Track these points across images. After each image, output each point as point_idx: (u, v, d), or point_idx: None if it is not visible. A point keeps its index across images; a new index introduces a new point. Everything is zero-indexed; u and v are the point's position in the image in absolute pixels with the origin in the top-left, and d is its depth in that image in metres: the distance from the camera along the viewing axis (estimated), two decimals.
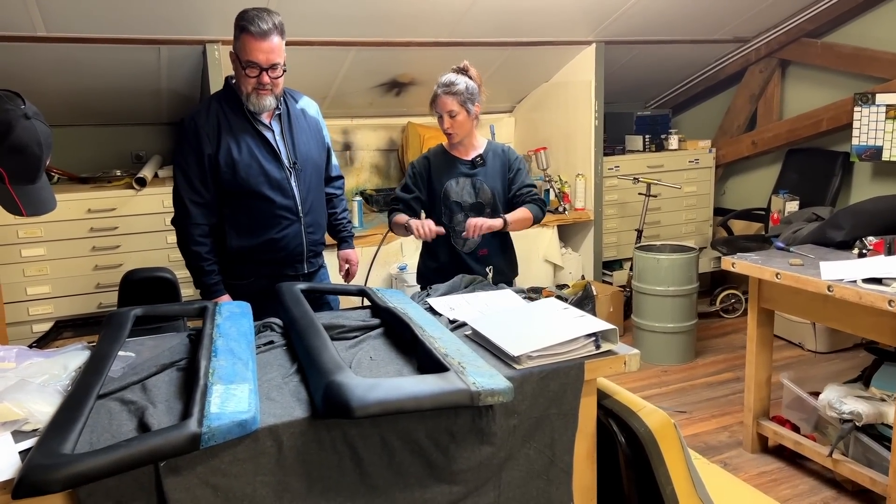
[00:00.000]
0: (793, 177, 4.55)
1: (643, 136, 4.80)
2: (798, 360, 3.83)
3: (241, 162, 2.22)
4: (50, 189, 1.47)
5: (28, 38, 2.98)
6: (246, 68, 2.15)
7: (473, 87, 2.49)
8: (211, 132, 2.21)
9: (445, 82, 2.48)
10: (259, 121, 2.26)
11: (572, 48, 4.29)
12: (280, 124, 2.31)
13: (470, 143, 2.59)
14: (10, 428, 1.27)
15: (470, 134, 2.56)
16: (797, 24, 4.33)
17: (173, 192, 2.26)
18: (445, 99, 2.46)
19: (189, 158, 2.22)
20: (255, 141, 2.25)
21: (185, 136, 2.22)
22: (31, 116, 1.35)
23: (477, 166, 2.57)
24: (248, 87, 2.19)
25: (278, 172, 2.27)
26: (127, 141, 4.11)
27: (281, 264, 2.36)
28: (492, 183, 2.56)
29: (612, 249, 4.72)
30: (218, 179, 2.23)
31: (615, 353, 1.62)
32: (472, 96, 2.48)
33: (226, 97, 2.26)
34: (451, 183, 2.56)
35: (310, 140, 2.38)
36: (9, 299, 3.28)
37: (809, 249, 2.71)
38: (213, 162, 2.21)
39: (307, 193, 2.35)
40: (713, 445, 2.89)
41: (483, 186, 2.55)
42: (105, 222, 3.45)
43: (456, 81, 2.46)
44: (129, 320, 1.79)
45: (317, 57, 3.67)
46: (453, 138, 2.54)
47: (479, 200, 2.55)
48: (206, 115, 2.22)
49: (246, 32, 2.12)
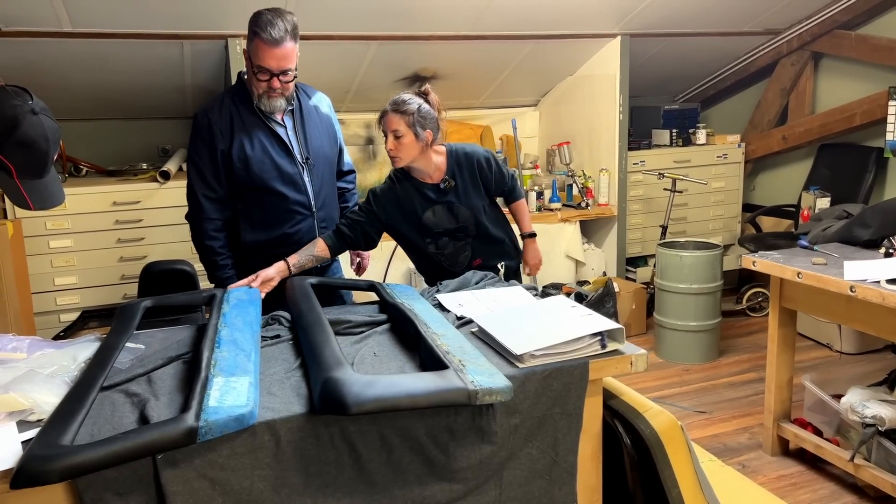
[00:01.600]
0: (825, 173, 4.43)
1: (670, 131, 4.72)
2: (825, 361, 3.74)
3: (254, 158, 2.23)
4: (58, 183, 1.50)
5: (54, 34, 3.04)
6: (258, 73, 2.16)
7: (428, 111, 2.29)
8: (224, 128, 2.22)
9: (396, 100, 2.29)
10: (271, 117, 2.27)
11: (596, 41, 4.24)
12: (293, 120, 2.33)
13: (430, 167, 2.36)
14: (15, 418, 1.30)
15: (421, 160, 2.33)
16: (830, 15, 4.21)
17: (187, 187, 2.29)
18: (392, 117, 2.26)
19: (202, 154, 2.23)
20: (267, 137, 2.26)
21: (198, 131, 2.24)
22: (39, 112, 1.38)
23: (448, 191, 2.37)
24: (259, 89, 2.21)
25: (291, 168, 2.28)
26: (153, 135, 4.17)
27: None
28: (467, 201, 2.38)
29: (636, 245, 4.66)
30: (231, 175, 2.25)
31: (621, 353, 1.58)
32: (424, 120, 2.27)
33: (238, 92, 2.28)
34: (427, 214, 2.37)
35: (322, 135, 2.39)
36: (37, 289, 3.36)
37: (835, 248, 2.63)
38: (226, 157, 2.23)
39: (320, 188, 2.36)
40: (732, 447, 2.84)
41: (460, 210, 2.38)
42: (130, 215, 3.51)
43: (409, 101, 2.27)
44: (138, 312, 1.82)
45: (338, 51, 3.68)
46: (396, 162, 2.32)
47: (461, 224, 2.39)
48: (218, 111, 2.24)
49: (258, 38, 2.11)
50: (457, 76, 4.22)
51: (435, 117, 2.32)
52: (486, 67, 4.28)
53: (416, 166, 2.35)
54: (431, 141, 2.31)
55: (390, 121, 2.27)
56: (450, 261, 2.42)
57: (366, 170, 4.61)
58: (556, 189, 4.39)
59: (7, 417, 1.29)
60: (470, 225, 2.40)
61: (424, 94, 2.34)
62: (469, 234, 2.40)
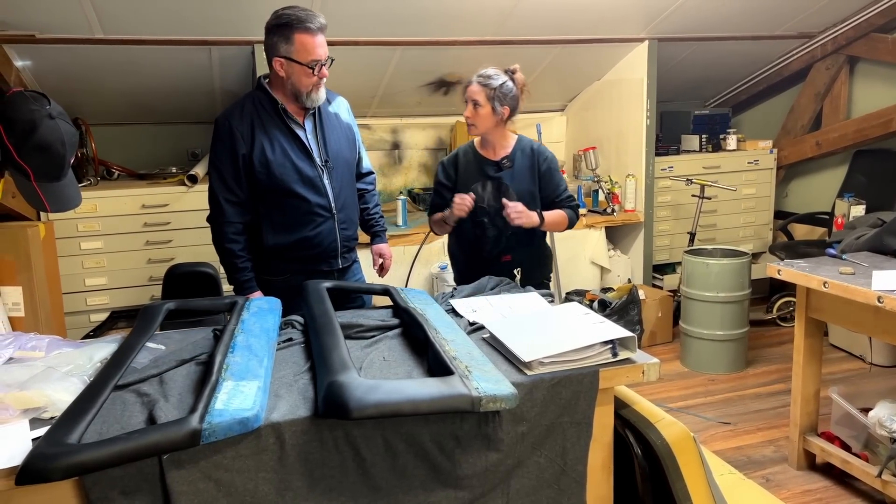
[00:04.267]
0: (860, 179, 4.32)
1: (700, 136, 4.65)
2: (856, 373, 3.63)
3: (275, 161, 2.25)
4: (75, 186, 1.53)
5: (87, 41, 3.12)
6: (313, 67, 2.20)
7: (510, 89, 2.46)
8: (245, 132, 2.24)
9: (483, 73, 2.48)
10: (293, 119, 2.29)
11: (624, 45, 4.20)
12: (313, 123, 2.35)
13: (498, 143, 2.55)
14: (29, 415, 1.33)
15: (494, 133, 2.52)
16: (866, 18, 4.10)
17: (209, 191, 2.32)
18: (475, 87, 2.45)
19: (223, 158, 2.26)
20: (288, 140, 2.28)
21: (220, 135, 2.27)
22: (56, 116, 1.41)
23: (503, 168, 2.53)
24: (308, 86, 2.23)
25: (311, 171, 2.30)
26: (183, 139, 4.26)
27: (315, 261, 2.39)
28: (518, 185, 2.52)
29: (663, 252, 4.59)
30: (252, 178, 2.27)
31: (633, 362, 1.56)
32: (504, 97, 2.44)
33: (259, 97, 2.30)
34: (476, 187, 2.53)
35: (341, 138, 2.41)
36: (68, 290, 3.44)
37: (864, 257, 2.56)
38: (247, 161, 2.25)
39: (340, 190, 2.38)
40: (756, 460, 2.78)
41: (509, 191, 2.51)
42: (158, 217, 3.58)
43: (493, 76, 2.46)
44: (160, 314, 1.85)
45: (363, 57, 3.70)
46: (471, 129, 2.51)
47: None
48: (239, 116, 2.26)
49: (303, 31, 2.16)
50: None
51: (516, 96, 2.48)
52: None
53: (487, 138, 2.54)
54: (507, 116, 2.48)
55: (472, 90, 2.46)
56: (485, 244, 2.54)
57: (391, 174, 4.63)
58: (582, 194, 4.36)
59: (21, 415, 1.32)
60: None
61: (511, 73, 2.49)
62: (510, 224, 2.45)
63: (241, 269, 2.32)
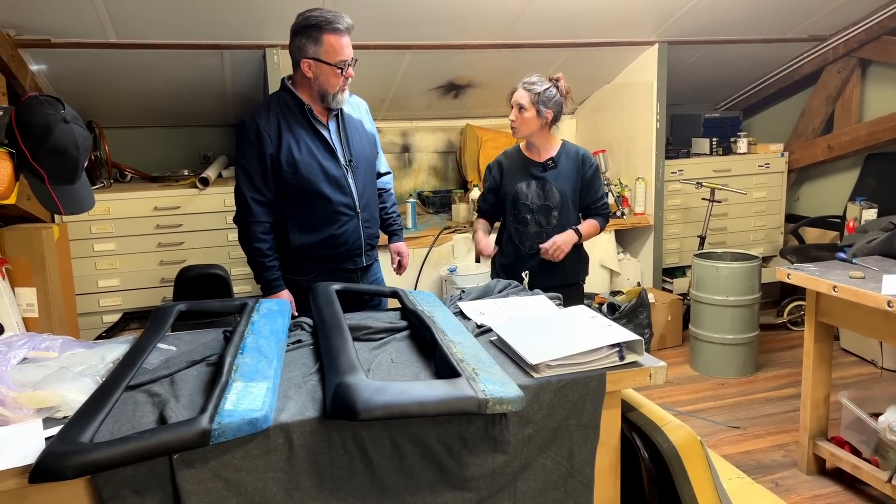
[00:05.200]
0: (872, 183, 4.29)
1: (710, 139, 4.63)
2: (867, 378, 3.61)
3: (302, 161, 2.28)
4: (89, 189, 1.56)
5: (101, 45, 3.16)
6: (341, 68, 2.23)
7: (554, 94, 2.58)
8: (272, 132, 2.27)
9: (528, 80, 2.61)
10: (318, 120, 2.32)
11: (634, 49, 4.20)
12: (336, 123, 2.38)
13: (544, 146, 2.68)
14: (43, 415, 1.35)
15: (539, 136, 2.65)
16: (878, 21, 4.08)
17: (235, 191, 2.34)
18: (520, 92, 2.59)
19: (250, 158, 2.28)
20: (313, 140, 2.31)
21: (247, 136, 2.28)
22: (70, 120, 1.44)
23: (548, 168, 2.67)
24: (335, 87, 2.26)
25: (336, 170, 2.33)
26: (195, 141, 4.30)
27: (341, 259, 2.42)
28: (561, 185, 2.65)
29: (674, 256, 4.58)
30: (279, 178, 2.30)
31: (640, 365, 1.56)
32: (548, 101, 2.57)
33: (284, 98, 2.32)
34: (521, 185, 2.68)
35: (362, 138, 2.44)
36: (81, 291, 3.48)
37: (875, 261, 2.55)
38: (274, 161, 2.28)
39: (363, 189, 2.41)
40: (766, 464, 2.77)
41: (552, 189, 2.65)
42: (170, 220, 3.62)
43: (537, 82, 2.59)
44: (171, 315, 1.87)
45: (374, 60, 3.72)
46: (515, 133, 2.64)
47: (547, 203, 2.66)
48: (266, 116, 2.28)
49: (331, 32, 2.19)
50: (492, 84, 4.23)
51: (560, 101, 2.61)
52: (521, 75, 4.22)
53: (533, 141, 2.67)
54: (551, 120, 2.61)
55: (518, 95, 2.60)
56: (526, 239, 2.68)
57: (401, 177, 4.65)
58: None
59: (35, 414, 1.34)
60: (554, 207, 2.65)
61: (555, 81, 2.61)
62: (551, 220, 2.64)
63: (269, 267, 2.35)
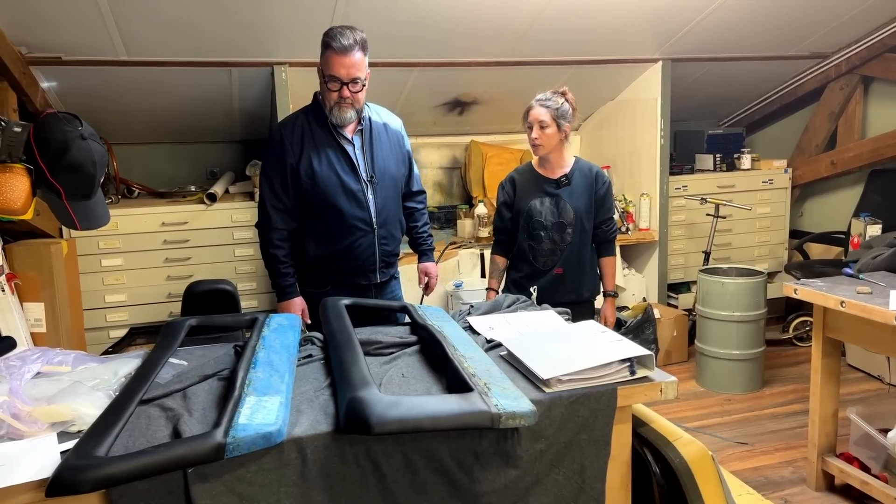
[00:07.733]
0: (876, 199, 4.30)
1: (714, 156, 4.66)
2: (875, 393, 3.60)
3: (320, 173, 2.33)
4: (104, 204, 1.57)
5: (111, 62, 3.19)
6: (329, 82, 2.27)
7: (567, 108, 2.62)
8: (295, 143, 2.34)
9: (541, 97, 2.64)
10: (342, 135, 2.36)
11: (638, 66, 4.23)
12: (361, 139, 2.41)
13: (558, 162, 2.70)
14: (57, 429, 1.35)
15: (557, 151, 2.67)
16: (880, 38, 4.11)
17: (258, 198, 2.43)
18: (539, 109, 2.60)
19: (273, 166, 2.36)
20: (335, 154, 2.35)
21: (272, 145, 2.37)
22: (87, 137, 1.45)
23: (562, 186, 2.68)
24: (331, 101, 2.30)
25: (355, 184, 2.37)
26: (203, 158, 4.32)
27: (353, 273, 2.45)
28: (576, 203, 2.67)
29: (678, 271, 4.59)
30: (298, 188, 2.35)
31: (651, 380, 1.57)
32: (565, 115, 2.61)
33: (313, 111, 2.39)
34: (535, 202, 2.68)
35: (388, 154, 2.46)
36: (88, 306, 3.49)
37: (881, 277, 2.55)
38: (294, 171, 2.34)
39: (383, 206, 2.43)
40: (774, 480, 2.76)
41: (566, 207, 2.66)
42: (177, 235, 3.63)
43: (550, 97, 2.62)
44: (183, 330, 1.88)
45: (380, 77, 3.71)
46: (538, 150, 2.64)
47: (561, 220, 2.67)
48: (291, 127, 2.36)
49: (329, 48, 2.24)
50: (497, 101, 4.26)
51: (572, 115, 2.65)
52: (526, 92, 4.25)
53: (548, 157, 2.68)
54: (567, 135, 2.65)
55: (536, 113, 2.61)
56: (539, 256, 2.68)
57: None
58: None
59: (49, 428, 1.35)
60: (569, 224, 2.65)
61: (562, 94, 2.66)
62: (565, 237, 2.65)
63: (284, 274, 2.40)
